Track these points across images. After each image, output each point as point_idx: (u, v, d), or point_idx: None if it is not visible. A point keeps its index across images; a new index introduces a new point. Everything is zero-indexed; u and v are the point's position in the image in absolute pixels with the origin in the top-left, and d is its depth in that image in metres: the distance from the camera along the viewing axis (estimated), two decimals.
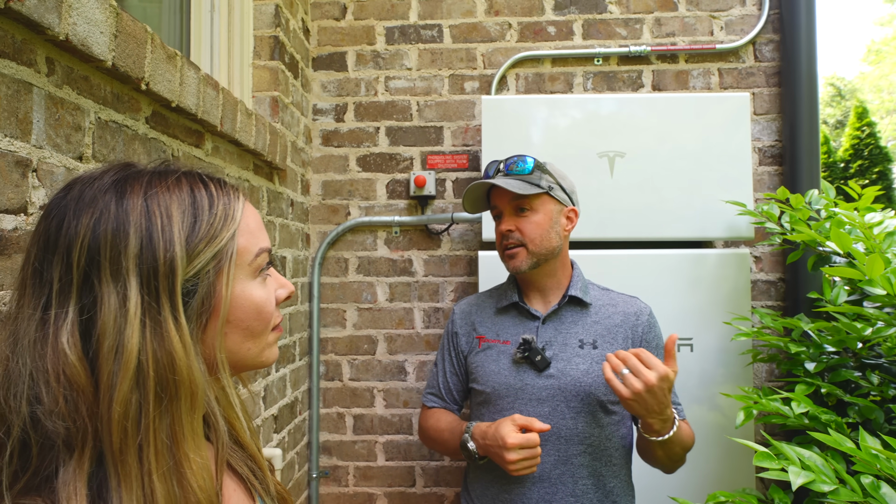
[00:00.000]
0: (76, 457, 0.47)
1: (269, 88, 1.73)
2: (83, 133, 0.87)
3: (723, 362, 1.73)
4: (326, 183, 2.05)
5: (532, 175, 1.26)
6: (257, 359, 0.62)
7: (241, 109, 1.37)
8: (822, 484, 0.85)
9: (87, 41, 0.82)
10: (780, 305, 1.95)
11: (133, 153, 1.00)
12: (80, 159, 0.87)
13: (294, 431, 1.85)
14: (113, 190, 0.53)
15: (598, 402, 1.22)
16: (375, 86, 2.05)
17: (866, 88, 16.27)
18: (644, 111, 1.80)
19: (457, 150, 2.03)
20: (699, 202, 1.77)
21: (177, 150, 1.14)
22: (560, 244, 1.28)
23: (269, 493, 0.69)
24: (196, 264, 0.53)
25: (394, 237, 2.03)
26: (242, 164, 1.47)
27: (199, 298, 0.54)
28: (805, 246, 1.52)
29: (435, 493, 1.98)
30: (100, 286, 0.49)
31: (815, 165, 1.82)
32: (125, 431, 0.48)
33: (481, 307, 1.39)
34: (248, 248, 0.59)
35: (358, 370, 2.01)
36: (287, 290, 0.66)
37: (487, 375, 1.28)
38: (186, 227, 0.54)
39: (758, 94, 1.99)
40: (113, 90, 0.94)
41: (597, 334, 1.26)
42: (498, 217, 1.32)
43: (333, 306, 2.02)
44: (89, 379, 0.48)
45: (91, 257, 0.49)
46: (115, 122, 0.94)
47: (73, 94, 0.84)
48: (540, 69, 2.03)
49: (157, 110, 1.07)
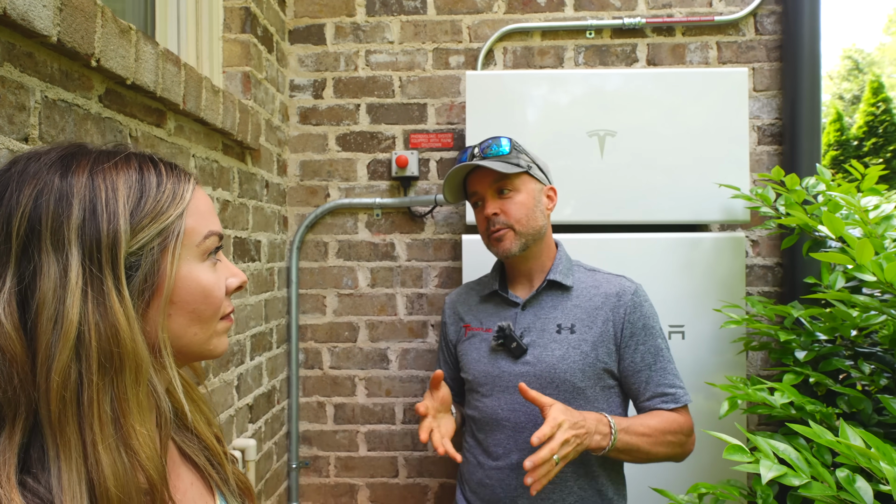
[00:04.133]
0: (7, 427, 0.47)
1: (241, 63, 1.65)
2: (28, 113, 0.81)
3: (716, 350, 1.65)
4: (304, 163, 1.97)
5: (510, 155, 1.22)
6: (204, 346, 0.60)
7: (207, 86, 1.30)
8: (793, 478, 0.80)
9: (27, 15, 0.76)
10: (776, 291, 1.86)
11: (85, 133, 0.93)
12: (26, 140, 0.81)
13: (272, 421, 1.80)
14: (59, 164, 0.52)
15: (574, 387, 1.18)
16: (356, 60, 1.96)
17: (886, 61, 15.83)
18: (637, 87, 1.70)
19: (441, 129, 1.94)
20: (694, 184, 1.68)
21: (135, 129, 1.07)
22: (545, 223, 1.26)
23: (227, 484, 0.69)
24: (140, 239, 0.53)
25: (375, 220, 1.95)
26: (210, 143, 1.40)
27: (143, 274, 0.53)
28: (800, 230, 1.43)
29: (419, 484, 1.94)
30: (39, 256, 0.49)
31: (815, 145, 1.72)
32: (64, 401, 0.47)
33: (468, 296, 1.38)
34: (197, 228, 0.59)
35: (338, 358, 1.96)
36: (239, 279, 0.64)
37: (470, 363, 1.29)
38: (132, 201, 0.53)
39: (758, 69, 1.87)
40: (61, 67, 0.87)
41: (576, 318, 1.22)
42: (477, 204, 1.27)
43: (313, 292, 1.96)
44: (25, 349, 0.48)
45: (31, 227, 0.49)
46: (64, 101, 0.88)
47: (14, 71, 0.79)
48: (529, 42, 1.93)
49: (112, 88, 1.00)
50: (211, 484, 0.67)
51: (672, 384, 1.20)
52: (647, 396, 1.20)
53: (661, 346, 1.22)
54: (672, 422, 1.16)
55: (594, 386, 1.20)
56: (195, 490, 0.64)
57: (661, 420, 1.16)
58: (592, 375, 1.19)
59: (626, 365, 1.21)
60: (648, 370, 1.20)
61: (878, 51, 16.39)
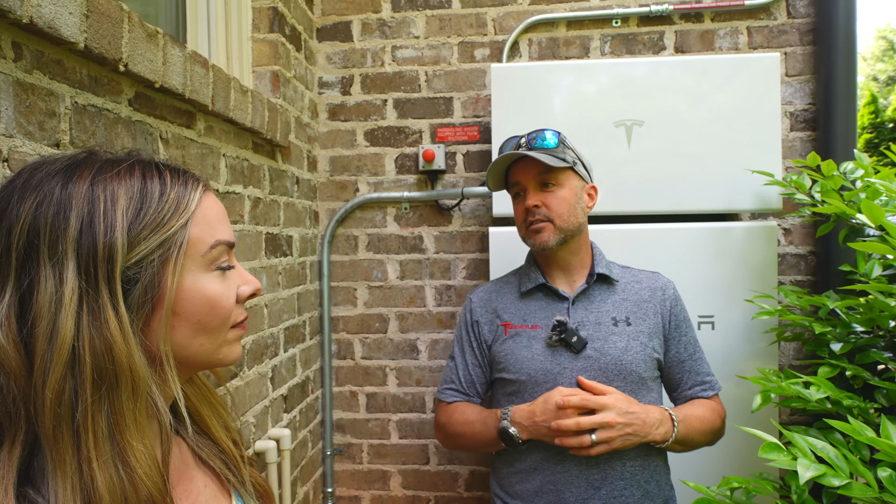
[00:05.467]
0: (7, 441, 0.47)
1: (270, 63, 1.68)
2: (58, 119, 0.84)
3: (747, 340, 1.64)
4: (334, 159, 2.01)
5: (557, 149, 1.22)
6: (213, 356, 0.59)
7: (235, 87, 1.33)
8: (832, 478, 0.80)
9: (54, 23, 0.78)
10: (809, 280, 1.84)
11: (116, 137, 0.96)
12: (57, 146, 0.84)
13: (306, 410, 1.85)
14: (61, 174, 0.52)
15: (639, 378, 1.20)
16: (382, 56, 1.98)
17: None
18: (665, 76, 1.68)
19: (467, 122, 1.96)
20: (724, 172, 1.67)
21: (165, 131, 1.11)
22: (584, 221, 1.26)
23: (244, 486, 0.69)
24: (138, 252, 0.52)
25: (403, 213, 1.98)
26: (240, 142, 1.43)
27: (142, 287, 0.52)
28: (837, 218, 1.41)
29: (449, 471, 1.97)
30: (37, 269, 0.48)
31: (851, 131, 1.68)
32: (58, 417, 0.47)
33: (501, 292, 1.34)
34: (203, 238, 0.57)
35: (370, 349, 2.00)
36: (252, 286, 0.63)
37: (520, 363, 1.22)
38: (131, 213, 0.52)
39: (790, 53, 1.84)
40: (90, 73, 0.90)
41: (628, 311, 1.24)
42: (518, 194, 1.27)
43: (344, 284, 2.00)
44: (22, 362, 0.47)
45: (30, 240, 0.49)
46: (94, 107, 0.91)
47: (44, 78, 0.81)
48: (554, 33, 1.92)
49: (141, 91, 1.03)
50: (227, 485, 0.67)
51: (708, 372, 1.27)
52: (689, 385, 1.25)
53: (695, 337, 1.29)
54: (713, 410, 1.23)
55: (652, 376, 1.23)
56: (209, 492, 0.64)
57: (705, 409, 1.21)
58: (651, 366, 1.22)
59: (672, 356, 1.25)
60: (690, 360, 1.26)
61: None
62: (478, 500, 1.96)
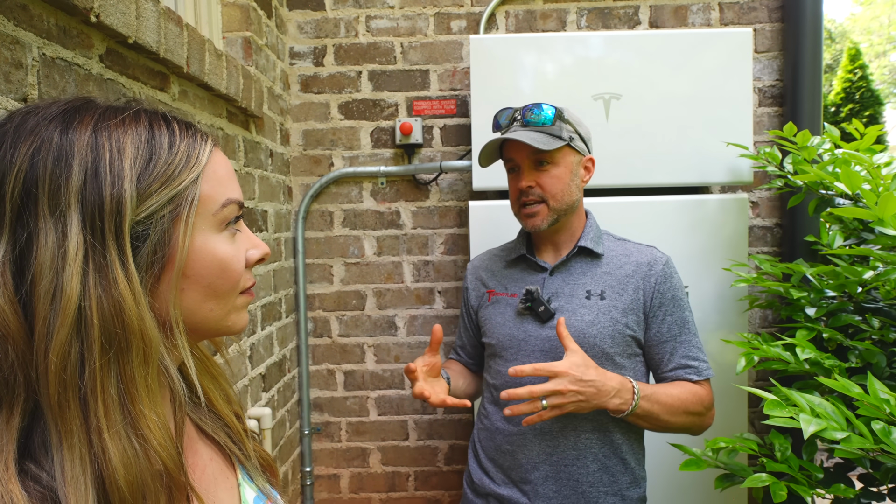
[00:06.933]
0: (4, 410, 0.43)
1: (241, 28, 1.60)
2: (25, 71, 0.77)
3: (719, 309, 1.70)
4: (307, 132, 1.95)
5: (553, 126, 1.18)
6: (221, 322, 0.55)
7: (210, 49, 1.26)
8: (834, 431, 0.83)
9: None
10: (775, 251, 1.91)
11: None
12: (25, 101, 0.77)
13: (284, 389, 1.81)
14: (60, 119, 0.47)
15: (603, 353, 1.18)
16: (356, 26, 1.92)
17: (857, 31, 16.00)
18: (641, 50, 1.70)
19: (444, 95, 1.93)
20: (697, 146, 1.70)
21: (139, 93, 1.04)
22: (579, 197, 1.24)
23: (249, 460, 0.66)
24: (148, 206, 0.48)
25: (380, 188, 1.94)
26: (215, 110, 1.37)
27: (152, 245, 0.48)
28: (807, 189, 1.47)
29: (429, 446, 1.98)
30: (35, 221, 0.44)
31: (816, 106, 1.75)
32: (64, 384, 0.43)
33: (492, 261, 1.37)
34: (214, 196, 0.53)
35: (347, 326, 1.97)
36: (261, 250, 0.59)
37: (494, 328, 1.27)
38: (140, 164, 0.48)
39: (759, 30, 1.89)
40: (58, 22, 0.83)
41: (606, 285, 1.22)
42: (513, 169, 1.24)
43: (319, 261, 1.96)
44: (21, 324, 0.43)
45: (27, 189, 0.44)
46: (63, 60, 0.84)
47: (9, 24, 0.74)
48: (531, 6, 1.91)
49: (113, 47, 0.96)
50: (232, 459, 0.65)
51: (696, 357, 1.20)
52: (670, 367, 1.20)
53: (687, 319, 1.22)
54: (694, 394, 1.16)
55: (622, 353, 1.19)
56: (215, 465, 0.62)
57: (683, 390, 1.16)
58: (621, 342, 1.19)
59: (653, 334, 1.21)
60: (674, 341, 1.20)
61: (849, 21, 16.55)
62: (457, 474, 1.97)
